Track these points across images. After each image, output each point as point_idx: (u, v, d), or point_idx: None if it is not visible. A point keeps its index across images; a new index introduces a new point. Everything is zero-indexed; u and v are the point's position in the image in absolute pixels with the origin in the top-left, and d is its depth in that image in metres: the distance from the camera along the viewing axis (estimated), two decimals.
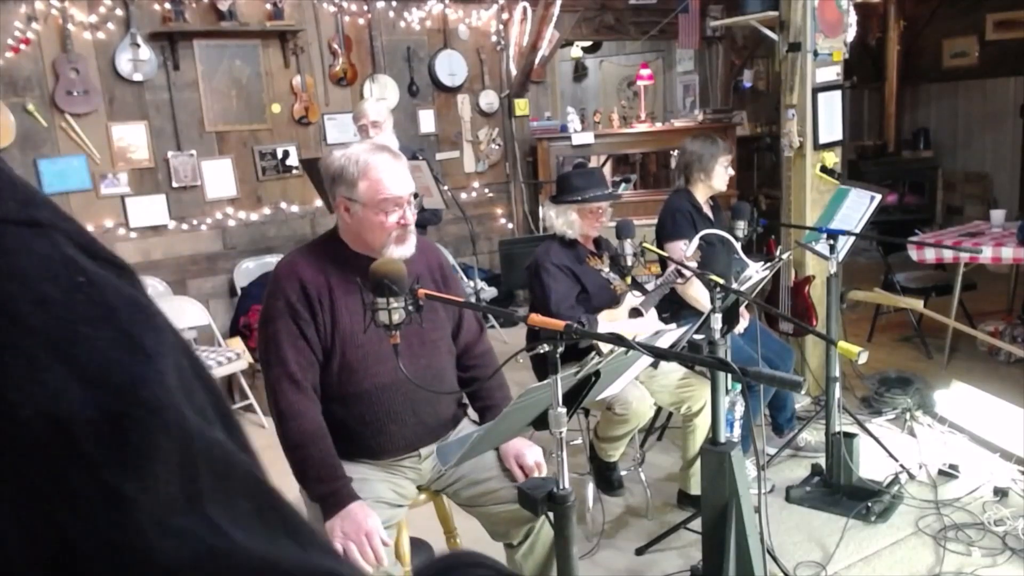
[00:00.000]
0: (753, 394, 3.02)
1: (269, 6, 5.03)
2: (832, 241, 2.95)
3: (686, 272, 2.53)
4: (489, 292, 5.45)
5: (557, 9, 5.50)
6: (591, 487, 3.03)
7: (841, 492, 2.96)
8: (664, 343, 1.91)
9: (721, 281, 2.15)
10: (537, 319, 1.57)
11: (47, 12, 4.38)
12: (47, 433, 0.32)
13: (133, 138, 4.70)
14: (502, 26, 6.06)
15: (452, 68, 5.86)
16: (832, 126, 3.93)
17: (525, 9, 5.92)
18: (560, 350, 1.52)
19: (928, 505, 2.92)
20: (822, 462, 3.08)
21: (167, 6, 4.67)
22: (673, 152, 6.83)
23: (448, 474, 2.10)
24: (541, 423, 1.63)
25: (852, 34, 3.92)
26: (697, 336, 2.14)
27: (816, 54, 3.80)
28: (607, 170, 7.17)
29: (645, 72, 7.02)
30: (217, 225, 5.04)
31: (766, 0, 4.06)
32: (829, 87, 3.89)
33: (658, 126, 6.73)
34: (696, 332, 2.22)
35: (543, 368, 1.91)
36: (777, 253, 3.08)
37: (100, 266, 0.37)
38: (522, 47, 5.97)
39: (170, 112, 4.80)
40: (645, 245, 2.80)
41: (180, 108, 4.82)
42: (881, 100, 7.78)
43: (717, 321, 2.14)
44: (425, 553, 2.31)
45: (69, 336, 0.33)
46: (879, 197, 3.26)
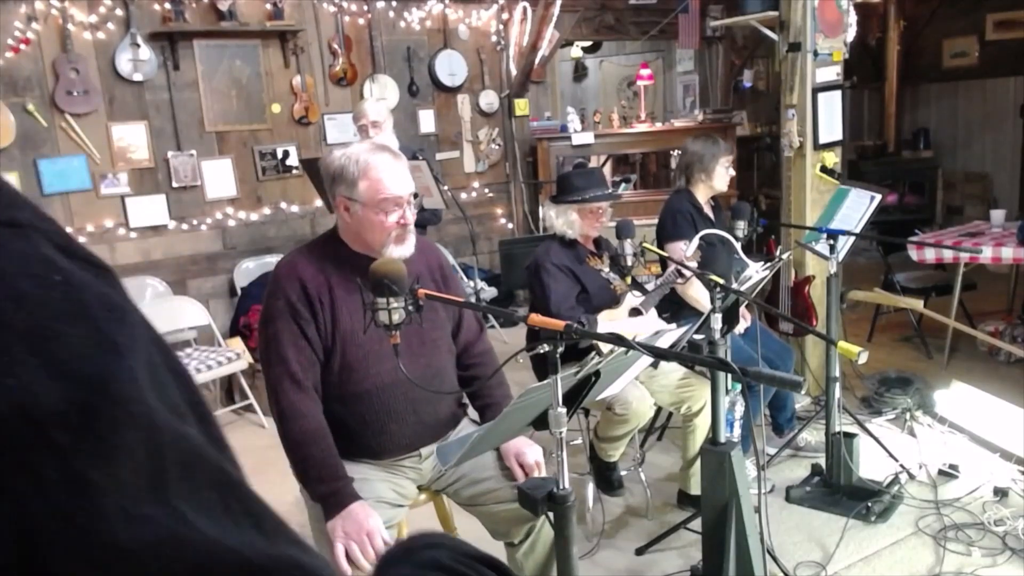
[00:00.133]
0: (753, 394, 3.02)
1: (269, 6, 5.03)
2: (832, 241, 2.95)
3: (686, 272, 2.53)
4: (489, 292, 5.45)
5: (557, 9, 5.50)
6: (591, 487, 3.03)
7: (841, 492, 2.96)
8: (664, 343, 1.91)
9: (721, 281, 2.15)
10: (537, 319, 1.57)
11: (47, 12, 4.38)
12: (19, 423, 0.33)
13: (133, 138, 4.70)
14: (502, 26, 6.06)
15: (452, 68, 5.86)
16: (832, 126, 3.93)
17: (525, 9, 5.92)
18: (560, 350, 1.52)
19: (928, 505, 2.92)
20: (822, 462, 3.08)
21: (167, 6, 4.67)
22: (673, 152, 6.84)
23: (448, 474, 2.10)
24: (541, 423, 1.62)
25: (852, 34, 3.92)
26: (697, 336, 2.13)
27: (816, 54, 3.80)
28: (607, 170, 7.17)
29: (645, 72, 7.02)
30: (217, 225, 5.04)
31: (766, 0, 4.06)
32: (829, 87, 3.89)
33: (658, 126, 6.72)
34: (696, 332, 2.22)
35: (543, 368, 1.91)
36: (777, 253, 3.08)
37: (78, 265, 0.38)
38: (522, 47, 5.97)
39: (170, 112, 4.80)
40: (645, 245, 2.80)
41: (180, 108, 4.82)
42: (881, 100, 7.78)
43: (717, 321, 2.14)
44: None
45: (43, 332, 0.35)
46: (879, 197, 3.26)
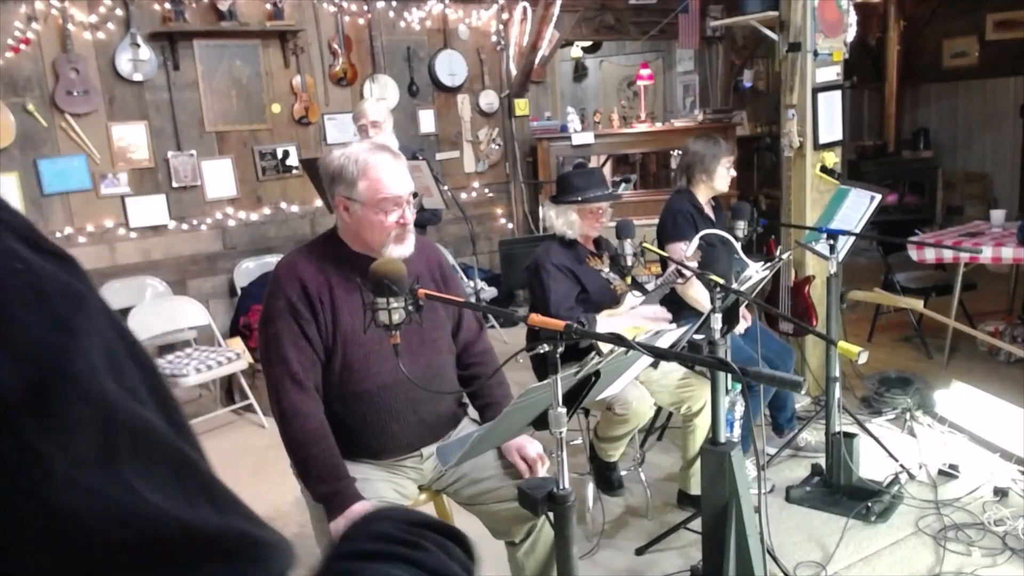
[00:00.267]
0: (753, 394, 3.02)
1: (269, 6, 5.03)
2: (832, 241, 2.95)
3: (686, 272, 2.53)
4: (489, 292, 5.45)
5: (557, 9, 5.50)
6: (591, 487, 3.03)
7: (841, 492, 2.96)
8: (664, 343, 1.91)
9: (721, 281, 2.15)
10: (537, 319, 1.57)
11: (47, 12, 4.38)
12: None
13: (133, 138, 4.70)
14: (502, 26, 6.06)
15: (452, 68, 5.86)
16: (832, 126, 3.93)
17: (525, 9, 5.92)
18: (560, 350, 1.52)
19: (928, 505, 2.92)
20: (822, 462, 3.08)
21: (167, 6, 4.67)
22: (673, 152, 6.84)
23: (449, 473, 2.10)
24: (541, 423, 1.62)
25: (852, 34, 3.92)
26: (697, 336, 2.13)
27: (816, 54, 3.80)
28: (607, 170, 7.16)
29: (645, 72, 7.02)
30: (217, 225, 5.04)
31: (766, 0, 4.06)
32: (829, 87, 3.89)
33: (658, 126, 6.72)
34: (696, 332, 2.22)
35: (543, 368, 1.91)
36: (777, 253, 3.07)
37: (42, 257, 0.41)
38: (522, 47, 5.97)
39: (170, 112, 4.80)
40: (645, 245, 2.79)
41: (180, 108, 4.82)
42: (881, 100, 7.78)
43: (717, 321, 2.14)
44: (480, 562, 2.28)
45: (2, 316, 0.37)
46: (879, 197, 3.26)
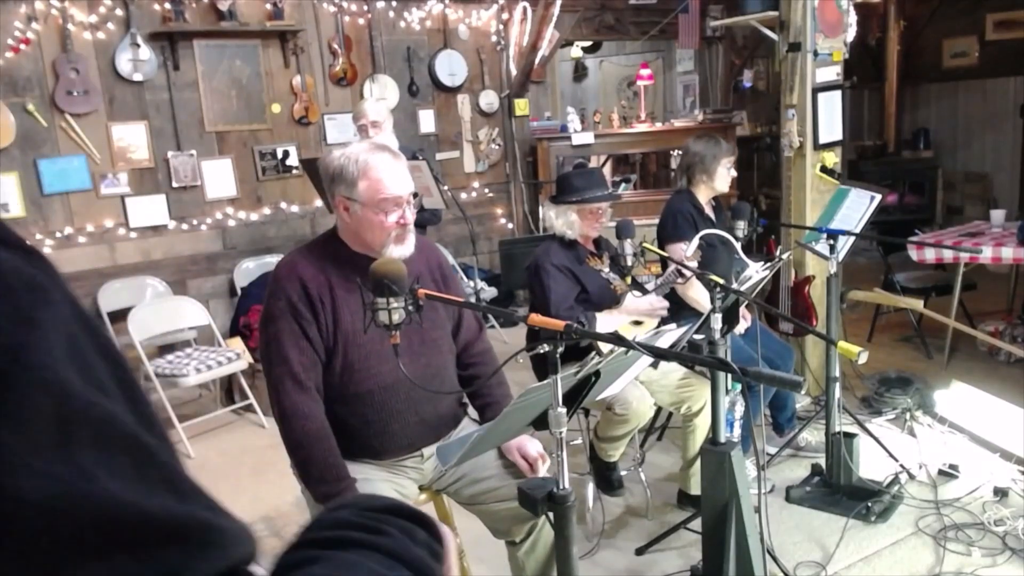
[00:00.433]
0: (753, 394, 3.02)
1: (269, 6, 5.03)
2: (832, 241, 2.95)
3: (686, 272, 2.53)
4: (489, 292, 5.45)
5: (557, 9, 5.50)
6: (591, 487, 3.03)
7: (841, 492, 2.96)
8: (664, 343, 1.91)
9: (721, 281, 2.15)
10: (537, 319, 1.57)
11: (47, 12, 4.38)
12: None
13: (133, 138, 4.70)
14: (502, 26, 6.06)
15: (452, 68, 5.86)
16: (832, 126, 3.93)
17: (525, 9, 5.92)
18: (560, 350, 1.52)
19: (928, 505, 2.92)
20: (822, 462, 3.08)
21: (167, 6, 4.67)
22: (673, 152, 6.84)
23: (449, 473, 2.10)
24: (541, 423, 1.62)
25: (852, 34, 3.92)
26: (697, 336, 2.13)
27: (816, 54, 3.80)
28: (607, 170, 7.16)
29: (645, 72, 7.02)
30: (217, 225, 5.04)
31: (766, 0, 4.06)
32: (829, 87, 3.89)
33: (658, 126, 6.72)
34: (696, 332, 2.22)
35: (543, 368, 1.91)
36: (777, 253, 3.07)
37: (8, 251, 0.42)
38: (522, 47, 5.97)
39: (170, 112, 4.80)
40: (645, 245, 2.79)
41: (180, 108, 4.82)
42: (881, 100, 7.78)
43: (717, 321, 2.14)
44: (453, 542, 2.29)
45: None
46: (879, 197, 3.26)
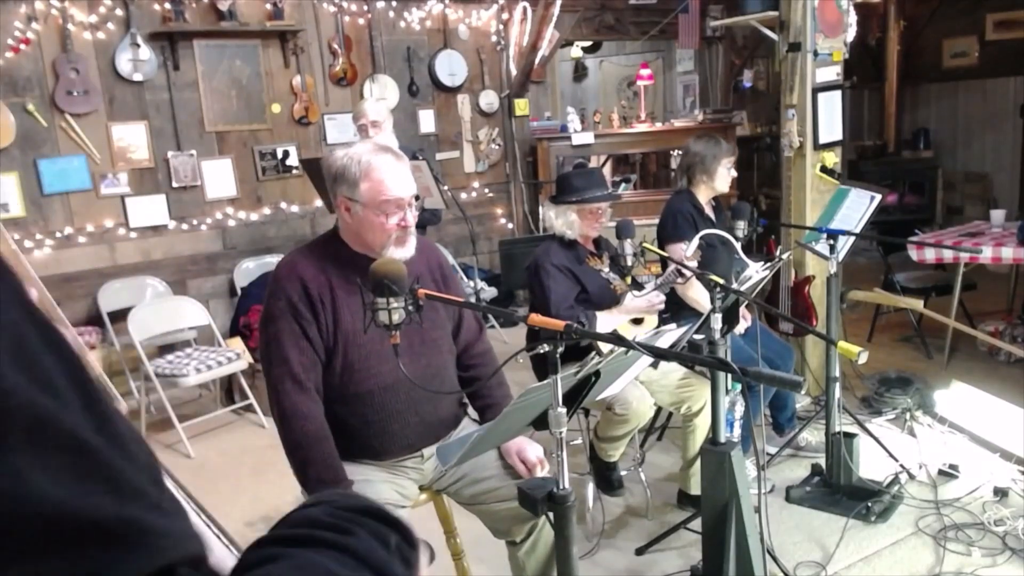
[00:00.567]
0: (753, 394, 3.02)
1: (269, 6, 5.03)
2: (832, 241, 2.95)
3: (686, 272, 2.53)
4: (489, 292, 5.45)
5: (557, 9, 5.50)
6: (591, 487, 3.03)
7: (841, 492, 2.96)
8: (664, 343, 1.91)
9: (721, 281, 2.15)
10: (537, 319, 1.57)
11: (47, 12, 4.38)
12: None
13: (133, 138, 4.70)
14: (502, 26, 6.06)
15: (452, 68, 5.87)
16: (832, 126, 3.93)
17: (525, 9, 5.92)
18: (560, 350, 1.52)
19: (928, 505, 2.92)
20: (822, 462, 3.08)
21: (167, 6, 4.67)
22: (673, 152, 6.84)
23: (449, 473, 2.10)
24: (541, 423, 1.62)
25: (852, 34, 3.92)
26: (697, 336, 2.13)
27: (816, 54, 3.80)
28: (607, 170, 7.16)
29: (645, 72, 7.02)
30: (217, 225, 5.04)
31: (766, 0, 4.06)
32: (829, 87, 3.89)
33: (658, 126, 6.72)
34: (696, 332, 2.22)
35: (543, 368, 1.91)
36: (777, 253, 3.07)
37: None
38: (522, 47, 5.97)
39: (170, 112, 4.80)
40: (645, 245, 2.79)
41: (180, 108, 4.83)
42: (881, 100, 7.78)
43: (717, 321, 2.14)
44: (426, 552, 2.30)
45: None
46: (879, 197, 3.26)
